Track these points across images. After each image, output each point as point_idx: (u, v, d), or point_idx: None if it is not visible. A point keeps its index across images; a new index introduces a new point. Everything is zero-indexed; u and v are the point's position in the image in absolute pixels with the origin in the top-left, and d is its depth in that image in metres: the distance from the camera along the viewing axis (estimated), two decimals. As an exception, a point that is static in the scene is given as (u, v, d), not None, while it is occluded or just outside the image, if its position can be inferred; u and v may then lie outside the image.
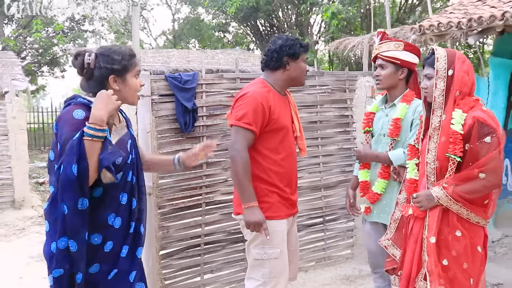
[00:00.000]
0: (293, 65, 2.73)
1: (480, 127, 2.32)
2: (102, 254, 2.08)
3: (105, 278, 2.10)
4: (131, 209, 2.18)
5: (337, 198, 4.41)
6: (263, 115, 2.62)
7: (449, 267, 2.36)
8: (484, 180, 2.31)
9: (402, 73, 2.94)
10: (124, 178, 2.13)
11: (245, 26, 24.02)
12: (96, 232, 2.07)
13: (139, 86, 2.22)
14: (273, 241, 2.64)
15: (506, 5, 4.50)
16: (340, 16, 15.58)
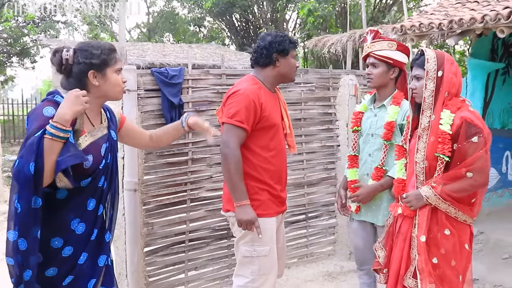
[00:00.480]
0: (283, 62, 2.73)
1: (468, 127, 2.37)
2: (60, 258, 2.02)
3: (61, 283, 2.03)
4: (97, 215, 2.11)
5: (319, 195, 4.44)
6: (255, 112, 2.61)
7: (438, 265, 2.41)
8: (472, 179, 2.36)
9: (393, 72, 2.96)
10: (93, 183, 2.07)
11: (220, 21, 23.91)
12: (57, 236, 2.01)
13: (122, 83, 2.16)
14: (262, 238, 2.64)
15: (485, 8, 4.61)
16: (316, 14, 15.69)
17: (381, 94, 3.04)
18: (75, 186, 1.98)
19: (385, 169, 2.94)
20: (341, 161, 4.49)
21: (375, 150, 3.01)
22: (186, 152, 3.59)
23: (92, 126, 2.09)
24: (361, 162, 3.09)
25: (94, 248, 2.11)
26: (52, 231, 1.99)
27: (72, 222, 2.03)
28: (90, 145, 2.03)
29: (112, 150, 2.19)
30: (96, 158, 2.05)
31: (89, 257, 2.08)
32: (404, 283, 2.51)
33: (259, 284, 2.70)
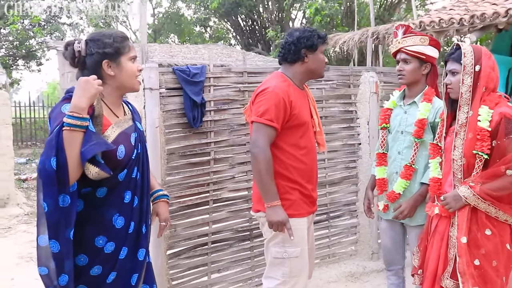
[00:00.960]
0: (312, 57, 2.65)
1: (507, 123, 2.29)
2: (103, 256, 1.98)
3: (105, 281, 1.99)
4: (132, 207, 2.06)
5: (341, 195, 4.36)
6: (284, 110, 2.54)
7: (481, 266, 2.32)
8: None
9: (425, 68, 2.87)
10: (128, 175, 2.02)
11: (226, 22, 23.88)
12: (101, 234, 1.97)
13: (137, 71, 2.08)
14: (294, 239, 2.56)
15: (507, 2, 4.52)
16: (323, 12, 15.62)
17: (411, 91, 2.95)
18: (113, 181, 1.93)
19: (415, 167, 2.86)
20: (362, 160, 4.42)
21: (404, 148, 2.92)
22: (208, 152, 3.52)
23: (117, 117, 2.04)
24: (390, 160, 3.01)
25: (133, 242, 2.06)
26: (97, 230, 1.95)
27: (113, 218, 1.99)
28: (119, 136, 1.99)
29: (141, 141, 2.14)
30: (128, 148, 2.00)
31: (129, 252, 2.04)
32: (441, 284, 2.43)
33: (290, 286, 2.63)
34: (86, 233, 1.93)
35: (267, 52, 21.35)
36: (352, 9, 19.14)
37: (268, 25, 21.88)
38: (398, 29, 2.93)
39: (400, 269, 3.11)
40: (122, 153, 1.97)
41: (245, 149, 3.69)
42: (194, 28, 24.66)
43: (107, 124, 1.98)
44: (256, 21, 23.17)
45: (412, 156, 2.87)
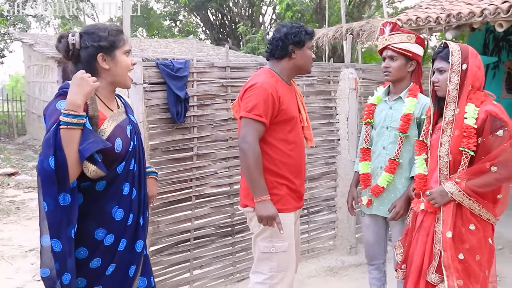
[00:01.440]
0: (299, 53, 2.66)
1: (493, 121, 2.34)
2: (103, 248, 1.98)
3: (104, 273, 1.99)
4: (131, 199, 2.06)
5: (320, 190, 4.40)
6: (273, 106, 2.54)
7: (465, 260, 2.38)
8: (496, 173, 2.33)
9: (411, 66, 2.91)
10: (126, 167, 2.01)
11: (196, 16, 23.66)
12: (100, 227, 1.97)
13: (131, 65, 2.08)
14: (281, 234, 2.57)
15: (481, 2, 4.64)
16: (294, 8, 15.68)
17: (396, 87, 2.98)
18: (112, 174, 1.92)
19: (399, 161, 2.90)
20: (341, 155, 4.46)
21: (390, 143, 2.95)
22: (191, 148, 3.49)
23: (111, 111, 2.03)
24: (375, 155, 3.03)
25: (132, 234, 2.06)
26: (96, 223, 1.95)
27: (113, 210, 1.98)
28: (115, 129, 1.98)
29: (136, 133, 2.14)
30: (124, 140, 2.00)
31: (127, 243, 2.04)
32: (427, 278, 2.48)
33: (278, 280, 2.64)
34: (86, 226, 1.92)
35: (237, 47, 21.29)
36: (322, 5, 19.31)
37: (238, 20, 21.80)
38: (385, 26, 2.94)
39: (382, 264, 3.16)
40: (119, 146, 1.96)
41: (227, 145, 3.67)
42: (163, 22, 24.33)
43: (102, 118, 1.96)
44: (226, 16, 23.06)
45: (396, 150, 2.90)
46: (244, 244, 3.85)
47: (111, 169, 1.94)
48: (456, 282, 2.35)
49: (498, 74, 5.84)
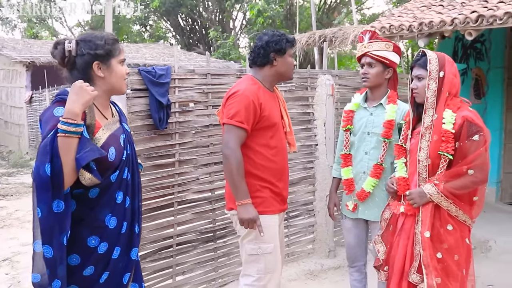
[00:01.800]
0: (280, 61, 2.74)
1: (469, 126, 2.44)
2: (96, 256, 1.98)
3: (97, 281, 2.00)
4: (124, 208, 2.07)
5: (299, 195, 4.46)
6: (254, 112, 2.62)
7: (443, 259, 2.47)
8: (472, 176, 2.43)
9: (388, 73, 3.01)
10: (119, 176, 2.03)
11: (166, 21, 23.54)
12: (93, 234, 1.97)
13: (125, 74, 2.11)
14: (266, 236, 2.65)
15: (451, 12, 4.82)
16: (266, 14, 15.80)
17: (374, 94, 3.07)
18: (105, 182, 1.93)
19: (384, 166, 2.98)
20: (319, 160, 4.54)
21: (372, 148, 3.03)
22: (173, 154, 3.49)
23: (106, 119, 2.05)
24: (356, 160, 3.11)
25: (126, 242, 2.08)
26: (89, 230, 1.95)
27: (106, 218, 1.99)
28: (109, 138, 1.99)
29: (130, 142, 2.16)
30: (118, 149, 2.01)
31: (122, 251, 2.05)
32: (408, 279, 2.56)
33: (265, 282, 2.70)
34: (78, 234, 1.92)
35: (209, 52, 21.30)
36: (292, 11, 19.53)
37: (208, 25, 21.81)
38: (364, 34, 3.03)
39: (363, 265, 3.23)
40: (113, 155, 1.97)
41: (209, 151, 3.69)
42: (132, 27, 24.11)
43: (97, 127, 1.97)
44: (197, 21, 23.04)
45: (381, 155, 2.98)
46: (226, 250, 3.87)
47: (105, 177, 1.95)
48: (434, 280, 2.44)
49: (467, 80, 6.06)
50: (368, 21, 20.67)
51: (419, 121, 2.66)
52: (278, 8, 16.43)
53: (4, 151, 14.26)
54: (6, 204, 7.37)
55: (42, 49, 14.56)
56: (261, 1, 15.80)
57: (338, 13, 22.06)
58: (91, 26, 23.60)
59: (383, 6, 31.69)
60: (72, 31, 24.28)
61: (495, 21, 4.18)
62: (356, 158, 3.11)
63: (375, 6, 30.57)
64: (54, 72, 7.99)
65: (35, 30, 21.60)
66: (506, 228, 5.31)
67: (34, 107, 12.92)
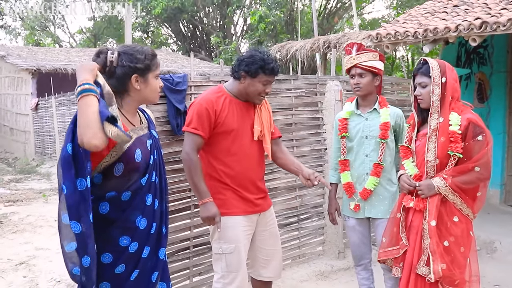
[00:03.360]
0: (248, 82, 2.80)
1: (474, 127, 2.62)
2: (128, 254, 2.11)
3: (128, 279, 2.12)
4: (154, 210, 2.20)
5: (309, 197, 4.58)
6: (208, 119, 2.77)
7: (450, 249, 2.63)
8: (478, 173, 2.62)
9: (377, 80, 3.22)
10: (148, 179, 2.15)
11: (167, 27, 23.69)
12: (125, 234, 2.09)
13: (159, 88, 2.24)
14: (227, 236, 2.80)
15: (455, 18, 4.95)
16: (267, 20, 15.94)
17: (366, 101, 3.26)
18: (136, 186, 2.07)
19: (383, 164, 3.17)
20: (328, 164, 4.65)
21: (371, 150, 3.22)
22: (189, 158, 3.60)
23: (133, 126, 2.16)
24: (357, 163, 3.26)
25: (155, 242, 2.21)
26: (121, 231, 2.08)
27: (137, 219, 2.11)
28: (136, 141, 2.10)
29: (157, 147, 2.28)
30: (144, 152, 2.12)
31: (151, 251, 2.18)
32: (417, 271, 2.69)
33: (229, 280, 2.84)
34: (111, 234, 2.06)
35: (209, 58, 21.44)
36: (292, 17, 19.69)
37: (209, 31, 21.96)
38: (351, 47, 3.21)
39: (369, 263, 3.38)
40: (139, 156, 2.09)
41: (223, 155, 3.80)
42: (134, 33, 24.24)
43: (125, 130, 2.06)
44: (198, 27, 23.20)
45: (380, 155, 3.18)
46: (240, 251, 3.97)
47: (134, 180, 2.08)
48: (440, 266, 2.59)
49: (470, 85, 6.19)
50: (368, 26, 20.87)
51: (422, 125, 2.82)
52: (279, 13, 16.58)
53: (10, 157, 14.37)
54: (17, 210, 7.48)
55: (46, 57, 14.72)
56: (263, 7, 15.93)
57: (339, 18, 22.26)
58: (93, 33, 23.77)
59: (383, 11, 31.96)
60: (74, 38, 24.43)
61: (498, 27, 4.30)
62: (356, 161, 3.27)
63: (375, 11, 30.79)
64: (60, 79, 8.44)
65: (37, 37, 21.76)
66: (511, 230, 5.42)
67: (40, 114, 13.05)
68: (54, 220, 6.59)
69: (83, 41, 23.90)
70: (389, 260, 2.94)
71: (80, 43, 23.67)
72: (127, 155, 2.04)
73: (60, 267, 4.50)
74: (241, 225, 2.86)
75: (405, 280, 2.74)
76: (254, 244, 3.00)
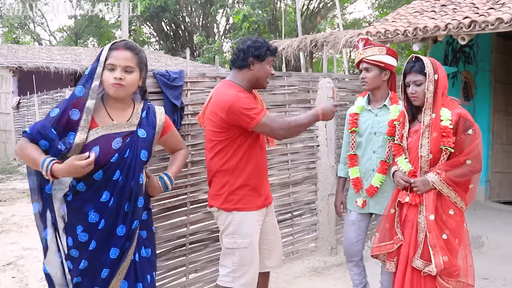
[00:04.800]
0: (258, 67, 2.84)
1: (464, 122, 2.70)
2: (77, 242, 2.23)
3: (78, 266, 2.24)
4: (108, 207, 2.23)
5: (303, 194, 4.60)
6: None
7: (448, 241, 2.68)
8: (470, 166, 2.69)
9: (385, 75, 3.21)
10: (105, 176, 2.21)
11: (149, 26, 23.52)
12: (79, 224, 2.23)
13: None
14: (242, 231, 2.82)
15: (444, 17, 5.03)
16: (251, 19, 15.97)
17: (376, 96, 3.27)
18: (89, 180, 2.19)
19: (389, 162, 3.17)
20: (321, 161, 4.68)
21: (379, 147, 3.22)
22: (186, 155, 3.59)
23: (111, 120, 2.24)
24: (364, 159, 3.28)
25: (104, 238, 2.23)
26: (77, 219, 2.23)
27: (89, 212, 2.21)
28: (100, 138, 2.20)
29: (134, 146, 2.27)
30: (105, 150, 2.19)
31: (98, 246, 2.22)
32: (413, 265, 2.73)
33: (241, 274, 2.85)
34: (71, 221, 2.25)
35: (192, 57, 21.34)
36: (275, 16, 19.75)
37: (192, 30, 21.87)
38: (359, 42, 3.26)
39: (360, 260, 3.40)
40: (95, 153, 2.16)
41: (219, 152, 3.79)
42: (115, 32, 24.02)
43: (93, 126, 2.19)
44: (180, 26, 23.09)
45: (387, 152, 3.18)
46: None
47: (88, 174, 2.16)
48: (442, 259, 2.64)
49: (457, 83, 6.30)
50: (350, 26, 21.05)
51: (412, 121, 2.88)
52: (263, 13, 16.63)
53: (-10, 157, 14.07)
54: (1, 210, 7.34)
55: (27, 54, 14.46)
56: (246, 6, 15.95)
57: (321, 18, 22.40)
58: (74, 31, 23.45)
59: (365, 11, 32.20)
60: (54, 36, 24.07)
61: (487, 26, 4.39)
62: (364, 157, 3.28)
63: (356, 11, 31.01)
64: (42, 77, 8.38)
65: (16, 35, 21.37)
66: (496, 225, 5.54)
67: (22, 113, 12.81)
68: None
69: (64, 39, 23.54)
70: (381, 255, 2.98)
71: (61, 42, 23.30)
72: (84, 151, 2.16)
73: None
74: (256, 219, 2.89)
75: (401, 274, 2.78)
76: (259, 236, 3.00)
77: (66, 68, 12.43)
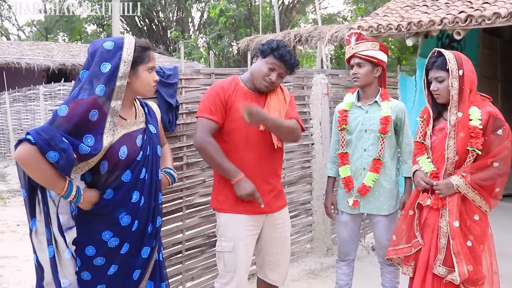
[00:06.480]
0: (258, 62, 2.71)
1: (494, 121, 2.53)
2: (107, 249, 2.11)
3: (106, 272, 2.12)
4: (139, 207, 2.17)
5: (297, 194, 4.45)
6: (220, 101, 2.65)
7: (473, 249, 2.54)
8: (497, 169, 2.53)
9: (377, 71, 3.09)
10: (134, 176, 2.13)
11: (122, 21, 22.98)
12: (108, 229, 2.10)
13: (152, 81, 2.20)
14: (227, 234, 2.69)
15: (437, 11, 4.94)
16: (228, 14, 15.73)
17: (366, 92, 3.14)
18: (118, 183, 2.09)
19: (383, 160, 3.06)
20: (316, 159, 4.55)
21: (370, 144, 3.09)
22: (181, 157, 3.39)
23: (124, 120, 2.15)
24: (355, 157, 3.14)
25: (138, 239, 2.18)
26: (104, 226, 2.10)
27: (120, 216, 2.11)
28: (123, 137, 2.11)
29: (151, 143, 2.24)
30: (132, 149, 2.12)
31: (131, 248, 2.15)
32: (433, 271, 2.60)
33: (227, 280, 2.71)
34: (94, 227, 2.11)
35: (167, 52, 20.99)
36: (251, 11, 19.57)
37: (167, 25, 21.50)
38: (351, 37, 3.12)
39: (352, 261, 3.31)
40: (124, 153, 2.08)
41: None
42: (86, 27, 23.42)
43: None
44: (154, 21, 22.66)
45: (379, 150, 3.06)
46: (232, 253, 3.79)
47: (116, 177, 2.08)
48: (466, 268, 2.49)
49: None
50: (325, 21, 21.04)
51: (437, 119, 2.71)
52: (240, 8, 16.40)
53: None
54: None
55: (-5, 50, 13.88)
56: (223, 1, 15.69)
57: (297, 12, 22.33)
58: (44, 25, 22.76)
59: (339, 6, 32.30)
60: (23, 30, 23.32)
61: (483, 21, 4.32)
62: (354, 155, 3.15)
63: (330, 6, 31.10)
64: (13, 73, 7.99)
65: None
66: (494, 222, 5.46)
67: (-9, 111, 12.29)
68: (17, 225, 6.19)
69: (34, 34, 22.80)
70: (396, 258, 2.85)
71: (30, 36, 22.56)
72: (111, 152, 2.05)
73: (30, 276, 4.17)
74: (244, 224, 2.68)
75: (420, 280, 2.64)
76: (261, 245, 2.83)
77: (39, 64, 11.96)
